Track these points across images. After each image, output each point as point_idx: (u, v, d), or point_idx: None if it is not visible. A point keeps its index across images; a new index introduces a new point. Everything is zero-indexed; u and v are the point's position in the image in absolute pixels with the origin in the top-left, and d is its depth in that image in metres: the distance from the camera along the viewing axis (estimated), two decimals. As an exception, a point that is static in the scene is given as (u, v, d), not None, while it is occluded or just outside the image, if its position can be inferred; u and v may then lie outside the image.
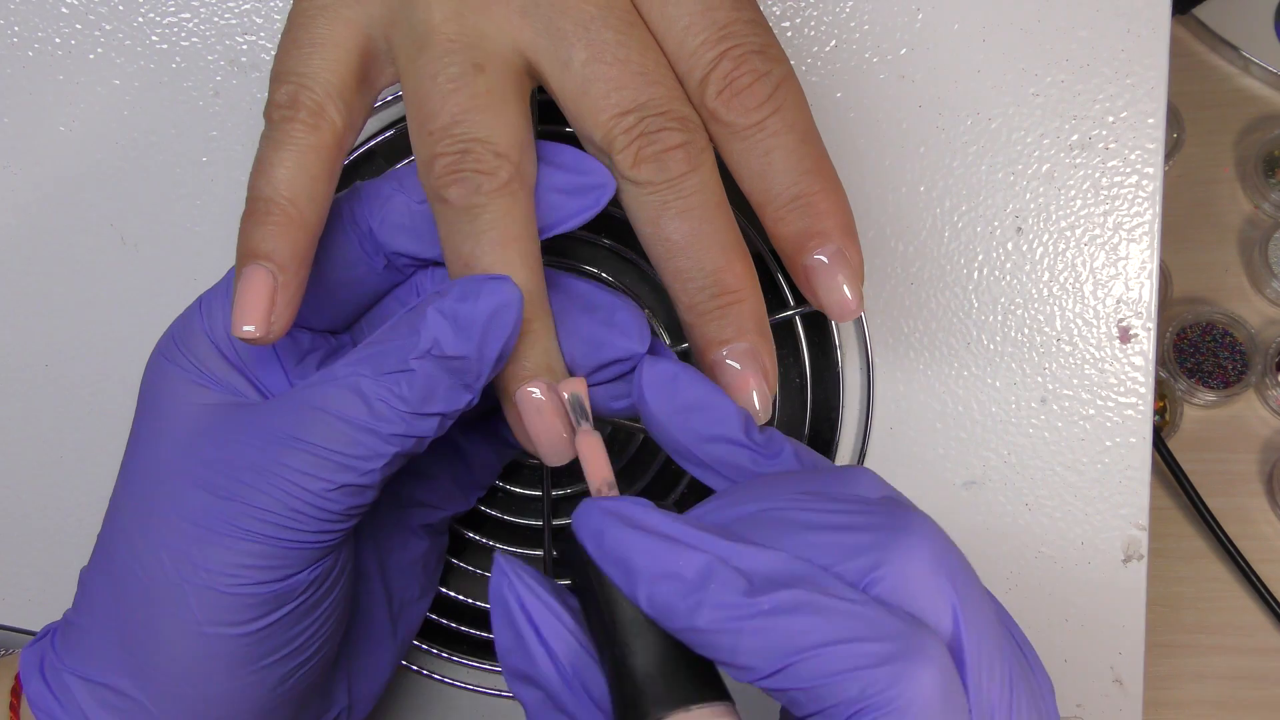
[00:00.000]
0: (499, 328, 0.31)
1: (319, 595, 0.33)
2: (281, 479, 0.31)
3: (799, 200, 0.32)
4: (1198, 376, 0.65)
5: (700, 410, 0.31)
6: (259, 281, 0.31)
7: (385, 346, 0.31)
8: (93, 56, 0.43)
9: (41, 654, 0.35)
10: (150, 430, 0.34)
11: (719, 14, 0.31)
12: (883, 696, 0.25)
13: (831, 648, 0.25)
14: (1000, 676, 0.27)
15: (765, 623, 0.26)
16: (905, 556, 0.27)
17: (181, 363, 0.34)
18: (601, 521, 0.28)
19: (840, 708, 0.25)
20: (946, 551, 0.27)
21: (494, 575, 0.29)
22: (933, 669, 0.25)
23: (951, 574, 0.27)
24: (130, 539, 0.33)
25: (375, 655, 0.39)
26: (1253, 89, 0.68)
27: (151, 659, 0.32)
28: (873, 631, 0.26)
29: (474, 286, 0.31)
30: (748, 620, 0.26)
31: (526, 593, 0.29)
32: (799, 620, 0.26)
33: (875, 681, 0.25)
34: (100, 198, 0.43)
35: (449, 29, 0.31)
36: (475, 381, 0.31)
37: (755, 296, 0.33)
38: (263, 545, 0.31)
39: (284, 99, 0.32)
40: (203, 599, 0.31)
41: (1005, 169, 0.43)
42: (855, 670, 0.25)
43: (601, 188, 0.32)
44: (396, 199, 0.34)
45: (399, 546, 0.39)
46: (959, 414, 0.43)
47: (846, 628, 0.26)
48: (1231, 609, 0.63)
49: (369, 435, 0.31)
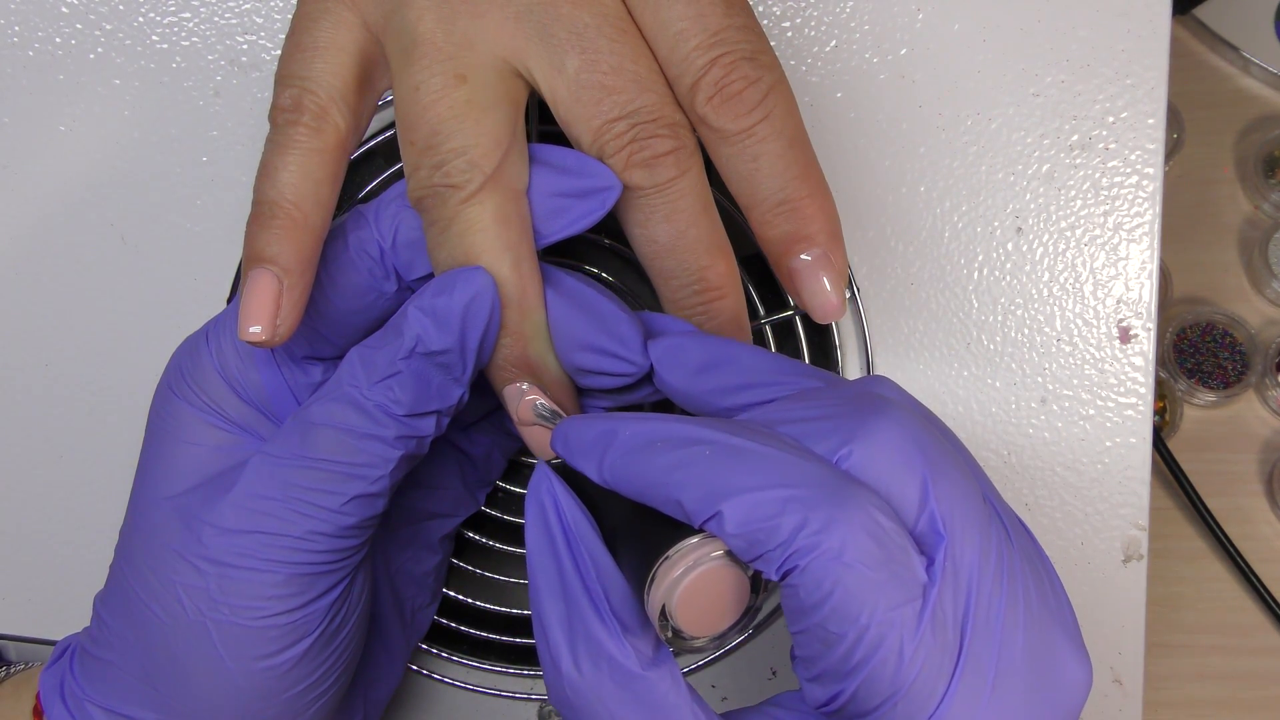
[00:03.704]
0: (476, 317, 0.31)
1: (339, 622, 0.33)
2: (295, 500, 0.31)
3: (785, 205, 0.32)
4: (1198, 377, 0.65)
5: (716, 366, 0.32)
6: (265, 285, 0.31)
7: (375, 353, 0.32)
8: (93, 56, 0.43)
9: (61, 679, 0.35)
10: (160, 466, 0.34)
11: (711, 20, 0.31)
12: (813, 539, 0.26)
13: (757, 492, 0.26)
14: (979, 545, 0.27)
15: (698, 467, 0.27)
16: (872, 437, 0.27)
17: (192, 400, 0.34)
18: (565, 426, 0.30)
19: (775, 551, 0.26)
20: (920, 435, 0.28)
21: (534, 477, 0.31)
22: (861, 514, 0.26)
23: (923, 449, 0.27)
24: (145, 579, 0.33)
25: (389, 666, 0.39)
26: (1252, 89, 0.68)
27: (175, 693, 0.33)
28: (802, 479, 0.26)
29: (448, 280, 0.31)
30: (683, 468, 0.27)
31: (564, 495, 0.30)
32: (729, 465, 0.27)
33: (804, 524, 0.26)
34: (100, 197, 0.43)
35: (436, 37, 0.32)
36: (462, 374, 0.32)
37: (737, 294, 0.34)
38: (283, 574, 0.31)
39: (288, 103, 0.32)
40: (226, 635, 0.32)
41: (1005, 169, 0.43)
42: (784, 515, 0.26)
43: (607, 190, 0.32)
44: (405, 216, 0.33)
45: (413, 560, 0.40)
46: (959, 414, 0.43)
47: (779, 475, 0.26)
48: (1231, 609, 0.63)
49: (373, 442, 0.31)
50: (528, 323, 0.32)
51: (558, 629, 0.29)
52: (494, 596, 0.44)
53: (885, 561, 0.26)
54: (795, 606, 0.26)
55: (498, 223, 0.31)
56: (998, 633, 0.27)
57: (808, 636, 0.27)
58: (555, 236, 0.32)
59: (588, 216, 0.32)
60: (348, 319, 0.34)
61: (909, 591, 0.26)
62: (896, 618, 0.26)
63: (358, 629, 0.34)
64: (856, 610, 0.26)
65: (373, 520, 0.32)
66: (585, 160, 0.32)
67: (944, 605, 0.26)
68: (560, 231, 0.32)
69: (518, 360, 0.32)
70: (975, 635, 0.27)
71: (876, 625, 0.26)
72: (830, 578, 0.26)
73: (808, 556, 0.26)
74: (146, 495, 0.34)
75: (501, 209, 0.31)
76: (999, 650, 0.27)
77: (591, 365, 0.32)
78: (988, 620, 0.27)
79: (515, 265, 0.32)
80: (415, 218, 0.33)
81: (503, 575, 0.44)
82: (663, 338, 0.32)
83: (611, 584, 0.29)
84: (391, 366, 0.31)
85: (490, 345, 0.32)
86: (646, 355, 0.32)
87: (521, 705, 0.45)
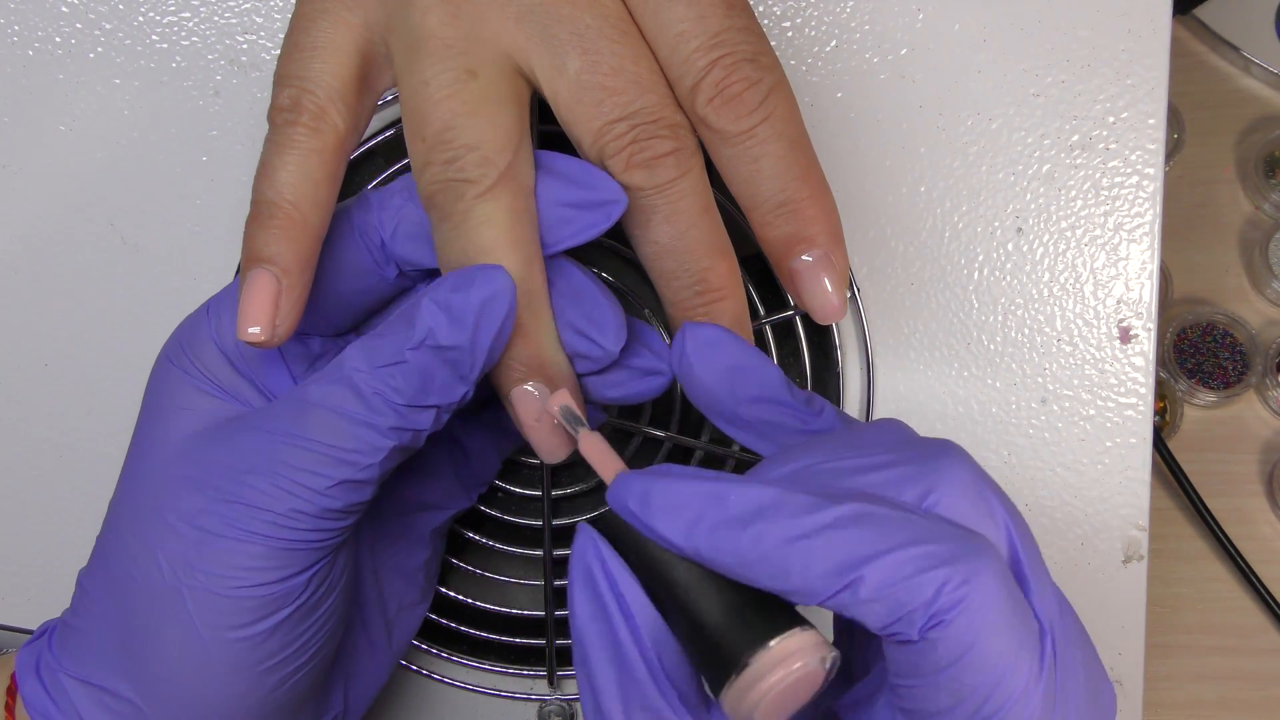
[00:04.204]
0: (491, 316, 0.31)
1: (317, 598, 0.33)
2: (281, 477, 0.31)
3: (786, 206, 0.32)
4: (1198, 377, 0.65)
5: (743, 372, 0.32)
6: (263, 285, 0.31)
7: (381, 341, 0.31)
8: (93, 56, 0.43)
9: (38, 654, 0.35)
10: (152, 435, 0.34)
11: (712, 22, 0.31)
12: (957, 593, 0.25)
13: (896, 553, 0.26)
14: (1050, 589, 0.28)
15: (827, 539, 0.26)
16: (952, 479, 0.27)
17: (187, 368, 0.34)
18: (646, 483, 0.28)
19: (917, 612, 0.26)
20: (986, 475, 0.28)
21: (578, 539, 0.30)
22: (998, 567, 0.26)
23: (997, 493, 0.28)
24: (127, 543, 0.33)
25: (372, 661, 0.39)
26: (1253, 89, 0.68)
27: (149, 663, 0.32)
28: (934, 535, 0.26)
29: (467, 276, 0.31)
30: (808, 539, 0.26)
31: (611, 557, 0.29)
32: (860, 532, 0.26)
33: (949, 580, 0.25)
34: (100, 197, 0.43)
35: (444, 33, 0.32)
36: (470, 373, 0.31)
37: (738, 295, 0.33)
38: (262, 546, 0.31)
39: (286, 103, 0.32)
40: (201, 602, 0.31)
41: (1006, 169, 0.43)
42: (925, 571, 0.25)
43: (613, 204, 0.32)
44: (408, 210, 0.33)
45: (403, 553, 0.39)
46: (959, 414, 0.43)
47: (907, 534, 0.26)
48: (1231, 610, 0.63)
49: (366, 429, 0.31)
50: (536, 322, 0.32)
51: (613, 697, 0.28)
52: (494, 597, 0.44)
53: (1014, 610, 0.26)
54: (925, 662, 0.26)
55: (511, 219, 0.31)
56: (1071, 672, 0.27)
57: (933, 690, 0.26)
58: (559, 246, 0.32)
59: (592, 229, 0.32)
60: (348, 299, 0.34)
61: (1031, 638, 0.26)
62: (1025, 666, 0.26)
63: (336, 608, 0.34)
64: (994, 661, 0.26)
65: (359, 506, 0.32)
66: (592, 171, 0.32)
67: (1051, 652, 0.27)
68: (564, 241, 0.32)
69: (528, 360, 0.32)
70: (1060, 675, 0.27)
71: (1011, 675, 0.26)
72: (972, 631, 0.25)
73: (953, 611, 0.25)
74: (137, 462, 0.34)
75: (514, 205, 0.31)
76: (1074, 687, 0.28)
77: (569, 346, 0.33)
78: (1066, 664, 0.27)
79: (527, 262, 0.32)
80: (418, 214, 0.33)
81: (503, 575, 0.44)
82: (704, 327, 0.32)
83: (666, 652, 0.29)
84: (397, 355, 0.31)
85: (501, 346, 0.32)
86: (619, 343, 0.32)
87: (521, 705, 0.45)
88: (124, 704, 0.33)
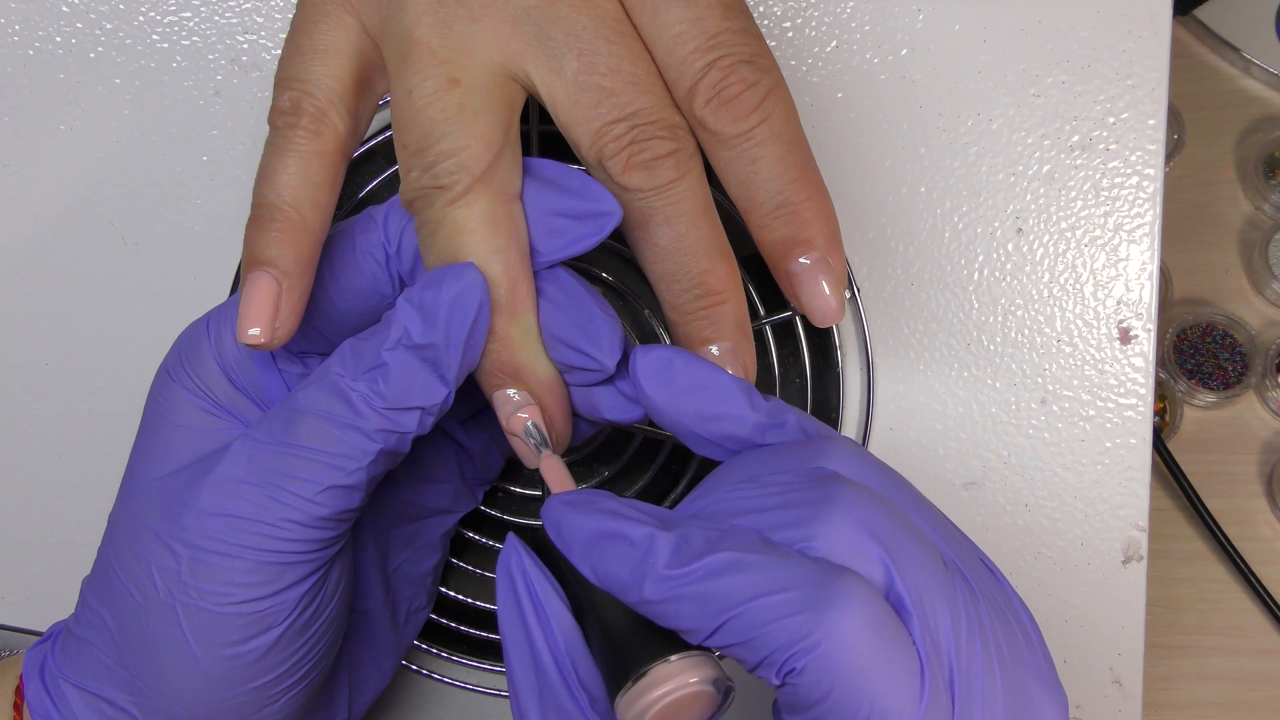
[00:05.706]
0: (462, 312, 0.31)
1: (310, 614, 0.33)
2: (270, 486, 0.31)
3: (784, 208, 0.32)
4: (1198, 378, 0.65)
5: (700, 390, 0.32)
6: (264, 288, 0.31)
7: (363, 344, 0.32)
8: (93, 55, 0.43)
9: (43, 657, 0.35)
10: (149, 449, 0.34)
11: (709, 23, 0.31)
12: (809, 640, 0.26)
13: (758, 600, 0.26)
14: (949, 615, 0.28)
15: (700, 587, 0.27)
16: (830, 524, 0.28)
17: (187, 384, 0.34)
18: (560, 513, 0.30)
19: (775, 655, 0.26)
20: (874, 515, 0.28)
21: (504, 549, 0.31)
22: (855, 606, 0.26)
23: (876, 533, 0.28)
24: (124, 558, 0.33)
25: (378, 666, 0.39)
26: (1253, 90, 0.68)
27: (145, 676, 0.33)
28: (794, 581, 0.27)
29: (438, 275, 0.31)
30: (685, 587, 0.27)
31: (532, 568, 0.31)
32: (729, 580, 0.27)
33: (800, 627, 0.26)
34: (100, 197, 0.43)
35: (431, 41, 0.32)
36: (447, 372, 0.32)
37: (738, 298, 0.33)
38: (253, 561, 0.31)
39: (287, 105, 0.32)
40: (194, 619, 0.32)
41: (1006, 170, 0.43)
42: (781, 619, 0.26)
43: (608, 215, 0.32)
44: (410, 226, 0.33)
45: (413, 559, 0.39)
46: (959, 415, 0.43)
47: (770, 580, 0.27)
48: (1231, 610, 0.63)
49: (352, 432, 0.31)
50: (515, 327, 0.32)
51: (529, 699, 0.30)
52: (494, 597, 0.44)
53: (882, 648, 0.26)
54: (796, 703, 0.27)
55: (486, 225, 0.31)
56: (979, 695, 0.27)
57: None
58: (552, 257, 0.32)
59: (585, 240, 0.32)
60: (347, 319, 0.34)
61: (909, 673, 0.26)
62: (897, 702, 0.26)
63: (332, 624, 0.34)
64: (857, 703, 0.26)
65: (348, 514, 0.32)
66: (588, 182, 0.32)
67: (935, 680, 0.27)
68: (557, 252, 0.32)
69: (505, 365, 0.32)
70: (961, 703, 0.27)
71: (879, 714, 0.26)
72: (829, 676, 0.26)
73: (805, 658, 0.26)
74: (134, 477, 0.34)
75: (490, 212, 0.31)
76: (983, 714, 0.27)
77: (559, 359, 0.33)
78: (969, 687, 0.27)
79: (505, 269, 0.32)
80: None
81: (502, 575, 0.44)
82: (652, 350, 0.32)
83: (579, 658, 0.30)
84: (377, 358, 0.31)
85: (478, 343, 0.32)
86: (614, 357, 0.32)
87: (521, 705, 0.45)
88: (121, 714, 0.33)
